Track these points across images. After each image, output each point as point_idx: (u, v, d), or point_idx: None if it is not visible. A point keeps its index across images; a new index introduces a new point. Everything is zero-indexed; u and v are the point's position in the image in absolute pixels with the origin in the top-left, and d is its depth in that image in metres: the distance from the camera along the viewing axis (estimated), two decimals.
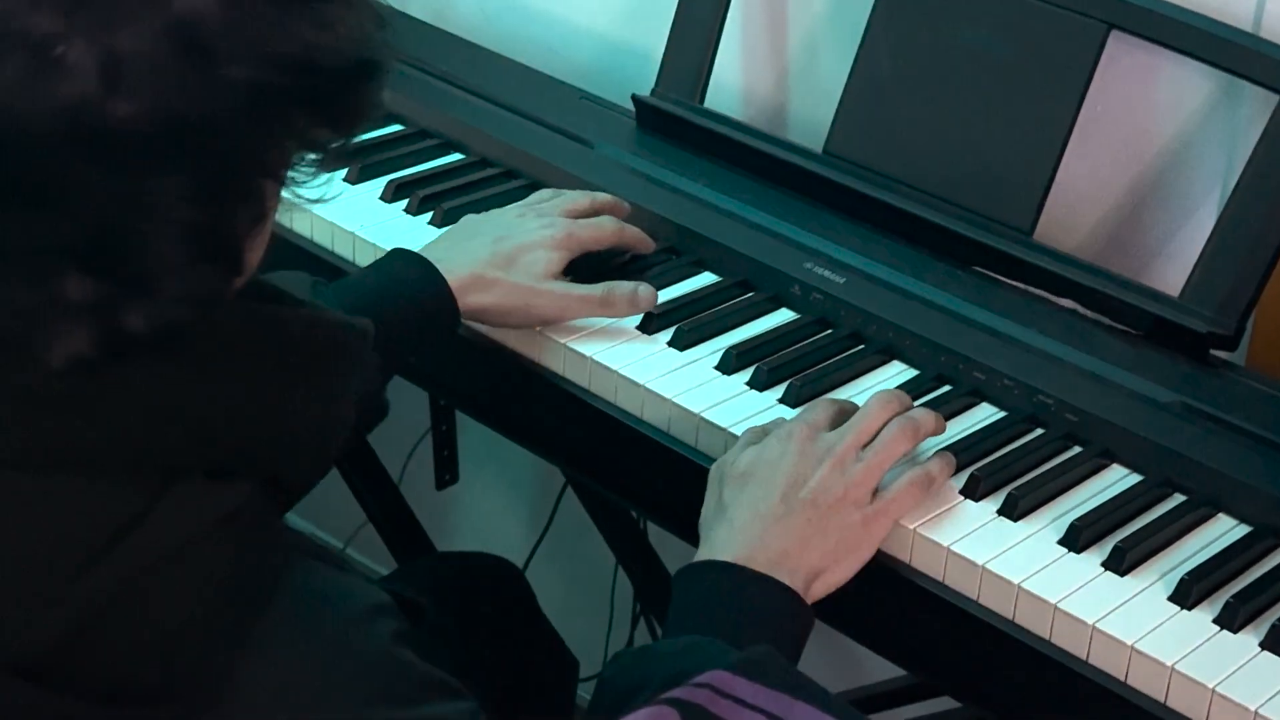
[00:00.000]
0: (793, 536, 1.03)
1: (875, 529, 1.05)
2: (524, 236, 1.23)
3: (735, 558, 1.01)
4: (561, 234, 1.24)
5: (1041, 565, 1.03)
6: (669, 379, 1.20)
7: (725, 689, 0.72)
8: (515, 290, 1.21)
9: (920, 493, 1.07)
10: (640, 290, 1.24)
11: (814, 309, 1.28)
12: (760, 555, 1.02)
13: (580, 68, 1.67)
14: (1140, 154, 1.34)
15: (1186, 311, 1.20)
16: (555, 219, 1.26)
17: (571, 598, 1.86)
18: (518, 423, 1.34)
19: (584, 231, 1.26)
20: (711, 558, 1.02)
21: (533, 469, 1.97)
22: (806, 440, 1.07)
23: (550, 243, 1.23)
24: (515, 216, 1.27)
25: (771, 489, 1.04)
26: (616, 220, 1.29)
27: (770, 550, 1.02)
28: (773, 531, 1.03)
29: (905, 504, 1.06)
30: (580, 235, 1.25)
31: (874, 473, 1.06)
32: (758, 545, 1.02)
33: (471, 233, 1.25)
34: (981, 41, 1.30)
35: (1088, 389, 1.17)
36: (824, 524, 1.03)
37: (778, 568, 1.01)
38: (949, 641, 1.07)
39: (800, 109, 1.56)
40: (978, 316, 1.24)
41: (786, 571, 1.01)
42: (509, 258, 1.21)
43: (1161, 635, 0.98)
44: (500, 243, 1.22)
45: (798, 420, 1.09)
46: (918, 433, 1.09)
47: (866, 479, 1.05)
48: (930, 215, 1.31)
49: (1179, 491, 1.11)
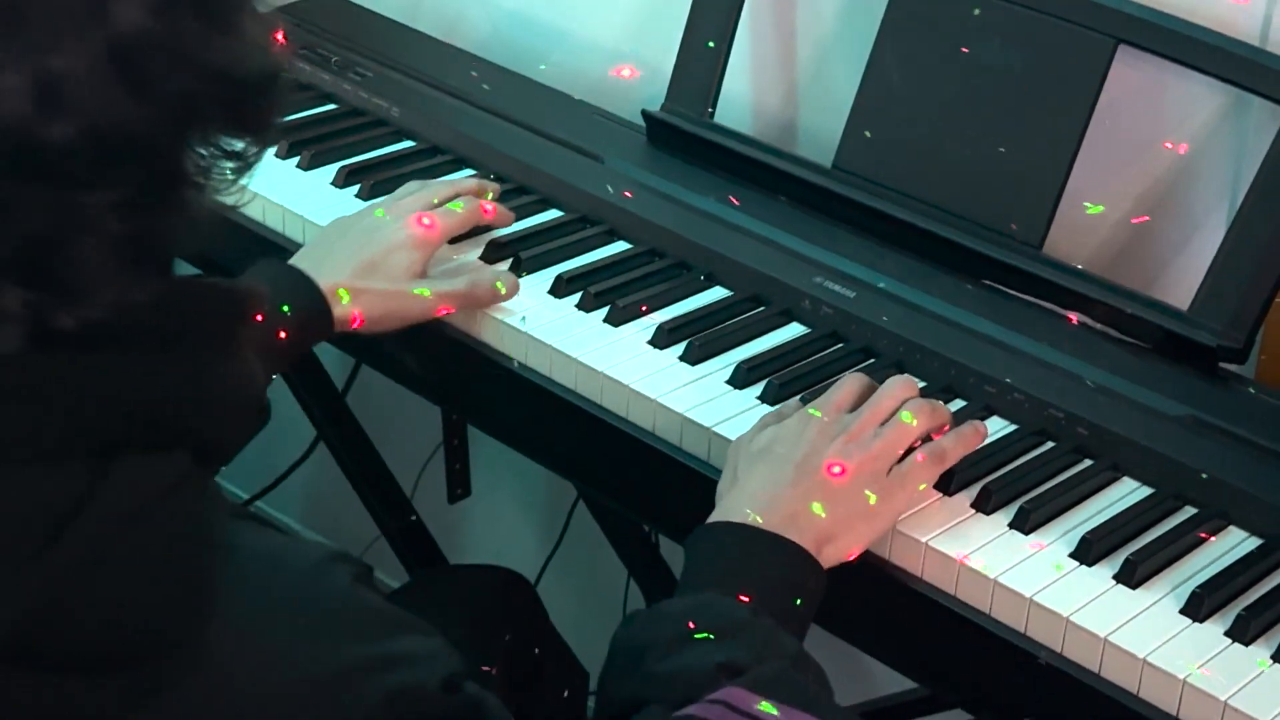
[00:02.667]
0: (803, 501, 1.04)
1: (890, 500, 1.07)
2: (385, 240, 1.27)
3: (745, 519, 1.03)
4: (420, 232, 1.28)
5: (1053, 578, 1.04)
6: (681, 393, 1.20)
7: (740, 705, 0.72)
8: (381, 297, 1.25)
9: (935, 468, 1.09)
10: (504, 279, 1.29)
11: (825, 323, 1.28)
12: (771, 517, 1.03)
13: (589, 83, 1.67)
14: (1149, 168, 1.34)
15: (1195, 325, 1.21)
16: (410, 219, 1.30)
17: (583, 610, 1.87)
18: (530, 437, 1.34)
19: (445, 219, 1.30)
20: (724, 519, 1.04)
21: (545, 482, 1.98)
22: (826, 425, 1.09)
23: (410, 242, 1.27)
24: (377, 215, 1.31)
25: (786, 461, 1.07)
26: (472, 199, 1.34)
27: (780, 513, 1.04)
28: (784, 496, 1.05)
29: (920, 476, 1.08)
30: (440, 225, 1.29)
31: (890, 448, 1.08)
32: (768, 508, 1.04)
33: (335, 239, 1.29)
34: (990, 56, 1.31)
35: (1098, 402, 1.17)
36: (836, 492, 1.05)
37: (788, 529, 1.03)
38: (961, 654, 1.08)
39: (810, 123, 1.57)
40: (988, 330, 1.24)
41: (796, 532, 1.03)
42: (372, 264, 1.26)
43: (1174, 648, 0.99)
44: (362, 250, 1.26)
45: (817, 401, 1.12)
46: (934, 414, 1.10)
47: (882, 453, 1.07)
48: (940, 229, 1.32)
49: (1190, 504, 1.11)
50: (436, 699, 0.75)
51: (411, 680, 0.74)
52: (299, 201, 1.43)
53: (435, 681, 0.75)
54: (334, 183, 1.47)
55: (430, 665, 0.76)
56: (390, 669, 0.74)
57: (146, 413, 0.71)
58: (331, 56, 1.64)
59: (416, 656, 0.76)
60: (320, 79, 1.62)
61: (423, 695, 0.75)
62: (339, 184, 1.46)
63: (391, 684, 0.74)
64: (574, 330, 1.27)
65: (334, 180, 1.47)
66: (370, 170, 1.48)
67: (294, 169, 1.49)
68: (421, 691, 0.75)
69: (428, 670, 0.76)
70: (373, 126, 1.56)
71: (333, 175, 1.47)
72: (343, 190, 1.46)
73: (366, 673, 0.73)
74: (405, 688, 0.74)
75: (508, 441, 1.38)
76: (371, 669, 0.74)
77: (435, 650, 0.77)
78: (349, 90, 1.60)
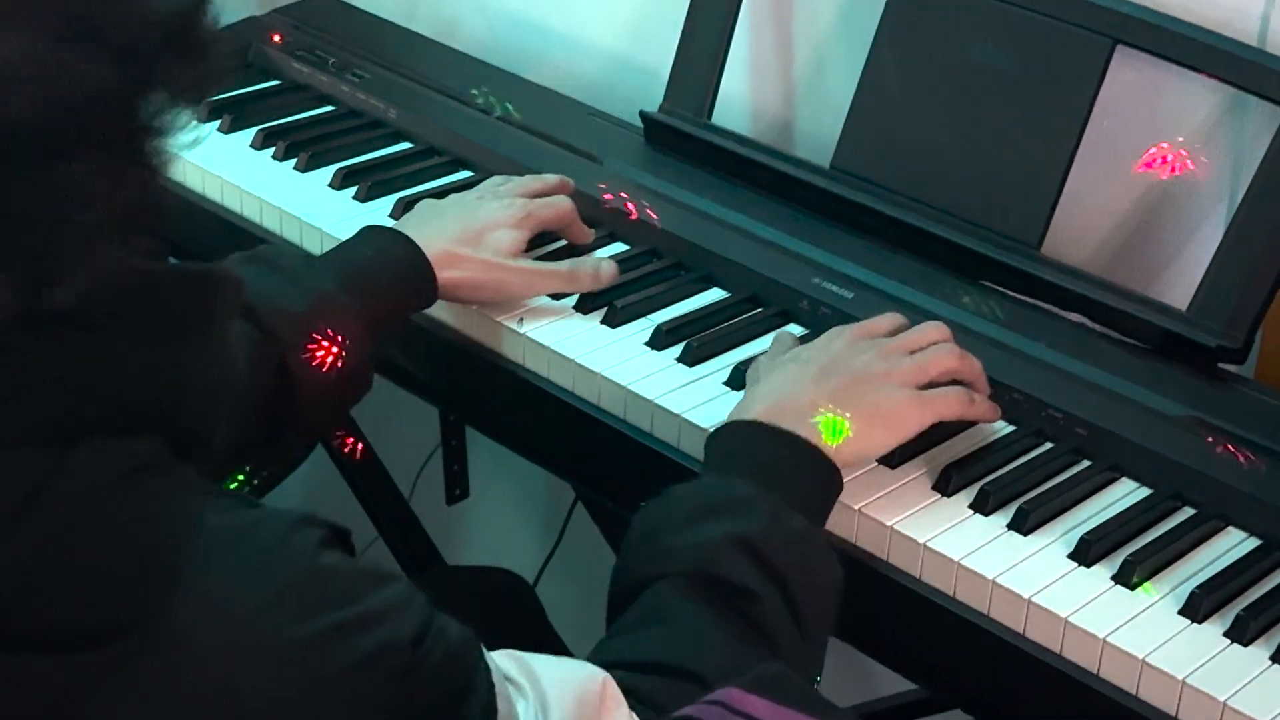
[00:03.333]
0: (825, 395, 1.06)
1: (915, 411, 1.08)
2: (486, 216, 1.28)
3: (759, 414, 1.05)
4: (521, 213, 1.29)
5: (1052, 579, 1.04)
6: (678, 395, 1.20)
7: (737, 706, 0.72)
8: (484, 266, 1.25)
9: (963, 405, 1.11)
10: (604, 265, 1.30)
11: (823, 324, 1.28)
12: (790, 407, 1.05)
13: (587, 84, 1.67)
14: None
15: (1194, 325, 1.20)
16: (513, 199, 1.31)
17: (583, 612, 1.86)
18: (527, 438, 1.34)
19: (542, 210, 1.31)
20: (738, 417, 1.06)
21: (543, 484, 1.98)
22: (857, 337, 1.11)
23: (511, 221, 1.28)
24: (474, 199, 1.32)
25: (810, 364, 1.09)
26: (569, 199, 1.35)
27: (799, 402, 1.05)
28: (806, 389, 1.07)
29: (949, 406, 1.10)
30: (539, 214, 1.31)
31: (921, 369, 1.10)
32: (787, 400, 1.06)
33: (436, 214, 1.29)
34: (988, 56, 1.31)
35: (1096, 403, 1.17)
36: (860, 390, 1.07)
37: (805, 417, 1.04)
38: (960, 656, 1.08)
39: (807, 124, 1.57)
40: (986, 330, 1.24)
41: (810, 426, 1.04)
42: (476, 235, 1.26)
43: (1173, 649, 0.98)
44: (466, 221, 1.27)
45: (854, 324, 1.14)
46: (965, 359, 1.12)
47: (912, 370, 1.09)
48: (938, 230, 1.32)
49: (1188, 505, 1.11)
50: (408, 653, 0.75)
51: (384, 638, 0.75)
52: (296, 203, 1.43)
53: (407, 635, 0.76)
54: (331, 184, 1.47)
55: (401, 618, 0.76)
56: (362, 631, 0.75)
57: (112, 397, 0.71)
58: (329, 58, 1.64)
59: (387, 613, 0.76)
60: (318, 80, 1.62)
61: (396, 651, 0.75)
62: (336, 185, 1.46)
63: (365, 645, 0.74)
64: (571, 332, 1.27)
65: (331, 182, 1.47)
66: (368, 172, 1.48)
67: (291, 170, 1.49)
68: (394, 648, 0.75)
69: (398, 624, 0.76)
70: (370, 128, 1.56)
71: (330, 177, 1.47)
72: (340, 192, 1.46)
73: (337, 637, 0.74)
74: (378, 648, 0.74)
75: (506, 443, 1.38)
76: (342, 633, 0.74)
77: (405, 600, 0.77)
78: (346, 91, 1.60)
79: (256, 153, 1.52)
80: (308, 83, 1.63)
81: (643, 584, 0.97)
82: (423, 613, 0.77)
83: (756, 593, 0.95)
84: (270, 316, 1.11)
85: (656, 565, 0.97)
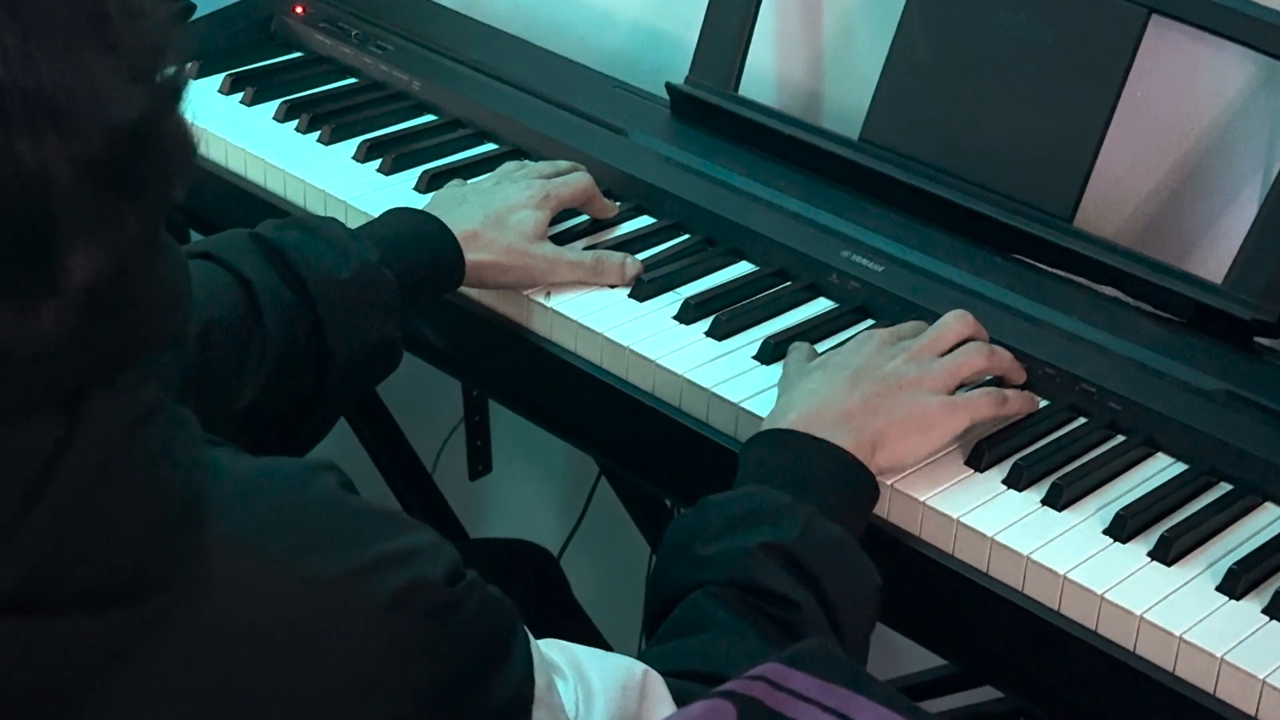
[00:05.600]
0: (859, 402, 1.05)
1: (949, 417, 1.07)
2: (507, 199, 1.28)
3: (793, 423, 1.04)
4: (540, 194, 1.29)
5: (1087, 555, 1.03)
6: (708, 369, 1.19)
7: (780, 681, 0.72)
8: (510, 250, 1.25)
9: (996, 406, 1.10)
10: (629, 261, 1.29)
11: (852, 297, 1.27)
12: (824, 415, 1.04)
13: (612, 56, 1.66)
14: (1181, 139, 1.33)
15: (1230, 298, 1.19)
16: (531, 180, 1.31)
17: (605, 587, 1.86)
18: (553, 413, 1.33)
19: (562, 190, 1.31)
20: (772, 426, 1.05)
21: (566, 459, 1.97)
22: (885, 341, 1.10)
23: (532, 202, 1.28)
24: (491, 184, 1.32)
25: (841, 371, 1.08)
26: (588, 175, 1.35)
27: (834, 410, 1.05)
28: (840, 398, 1.06)
29: (981, 409, 1.09)
30: (559, 193, 1.31)
31: (952, 373, 1.09)
32: (821, 408, 1.05)
33: (459, 198, 1.29)
34: (1021, 26, 1.29)
35: (1130, 377, 1.16)
36: (894, 397, 1.06)
37: (839, 427, 1.04)
38: (992, 632, 1.07)
39: (835, 95, 1.56)
40: (1018, 304, 1.23)
41: (851, 430, 1.04)
42: (500, 218, 1.26)
43: (1210, 625, 0.97)
44: (489, 205, 1.27)
45: (879, 329, 1.13)
46: (993, 357, 1.11)
47: (943, 375, 1.08)
48: (969, 202, 1.30)
49: (1224, 480, 1.09)
50: (442, 590, 0.75)
51: (416, 574, 0.75)
52: (321, 176, 1.42)
53: (440, 574, 0.76)
54: (355, 157, 1.46)
55: (433, 558, 0.76)
56: (393, 567, 0.74)
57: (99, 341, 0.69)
58: (352, 30, 1.63)
59: (417, 551, 0.76)
60: (341, 52, 1.61)
61: (429, 587, 0.75)
62: (360, 158, 1.45)
63: (397, 581, 0.74)
64: (599, 305, 1.26)
65: (355, 154, 1.46)
66: (392, 144, 1.47)
67: (315, 143, 1.48)
68: (427, 584, 0.75)
69: (430, 564, 0.76)
70: (394, 100, 1.55)
71: (354, 149, 1.46)
72: (364, 165, 1.45)
73: (370, 573, 0.74)
74: (411, 584, 0.74)
75: (531, 418, 1.37)
76: (374, 569, 0.74)
77: (435, 544, 0.77)
78: (369, 64, 1.59)
79: (280, 125, 1.51)
80: (330, 55, 1.62)
81: (680, 594, 0.97)
82: (452, 557, 0.77)
83: (794, 600, 0.95)
84: (315, 281, 1.11)
85: (693, 575, 0.97)
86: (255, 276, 1.10)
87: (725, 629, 0.93)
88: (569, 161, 1.37)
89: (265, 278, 1.11)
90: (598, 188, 1.35)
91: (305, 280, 1.11)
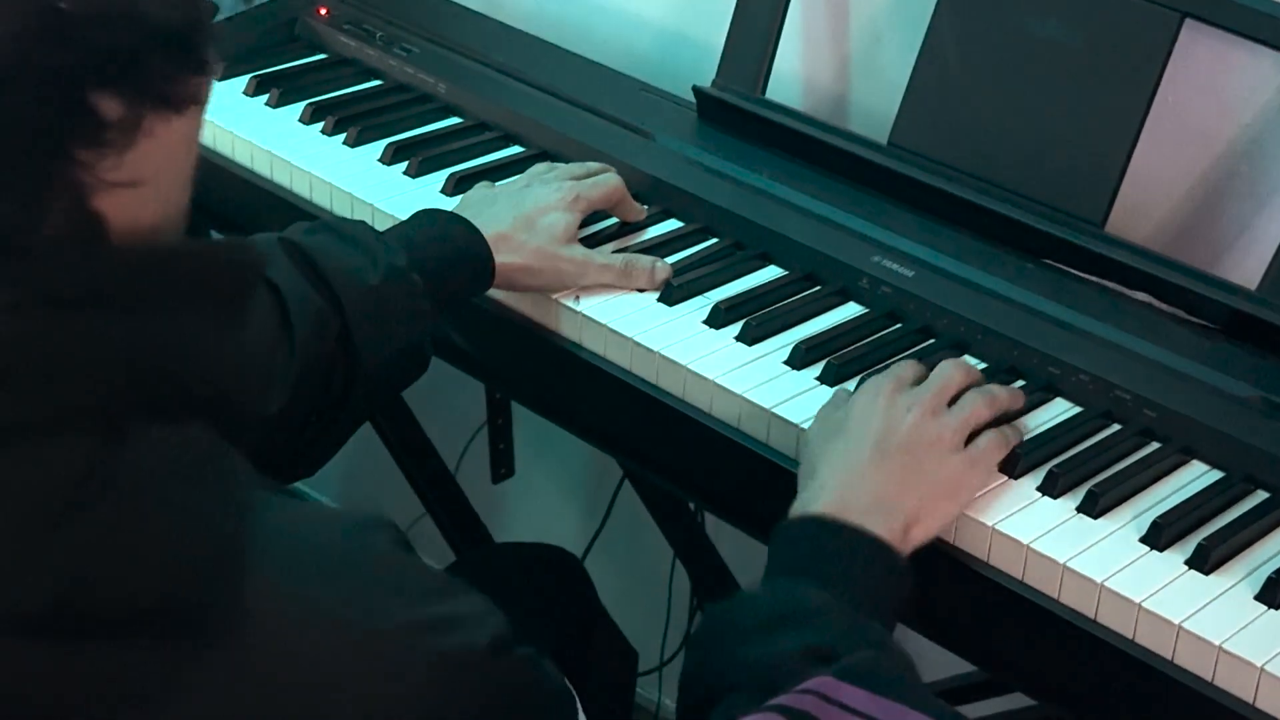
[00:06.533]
0: (890, 480, 1.03)
1: (972, 475, 1.05)
2: (537, 201, 1.27)
3: (825, 507, 1.01)
4: (570, 195, 1.28)
5: (1124, 564, 1.02)
6: (738, 374, 1.18)
7: (832, 695, 0.71)
8: (540, 252, 1.24)
9: (1005, 449, 1.08)
10: (659, 265, 1.28)
11: (883, 303, 1.26)
12: (855, 501, 1.01)
13: (638, 58, 1.65)
14: (1214, 143, 1.32)
15: (1264, 305, 1.18)
16: (560, 183, 1.30)
17: (629, 590, 1.86)
18: (580, 416, 1.33)
19: (593, 191, 1.30)
20: (804, 512, 1.02)
21: (589, 462, 1.97)
22: (893, 393, 1.07)
23: (562, 205, 1.27)
24: (521, 186, 1.31)
25: (863, 440, 1.05)
26: (618, 177, 1.34)
27: (866, 495, 1.01)
28: (869, 477, 1.03)
29: (994, 456, 1.07)
30: (589, 195, 1.30)
31: (966, 423, 1.07)
32: (852, 492, 1.01)
33: (488, 200, 1.28)
34: (1051, 31, 1.28)
35: (1165, 384, 1.15)
36: (920, 466, 1.04)
37: (874, 512, 1.00)
38: (1027, 640, 1.06)
39: (862, 100, 1.55)
40: (1050, 310, 1.22)
41: (883, 515, 1.01)
42: (530, 220, 1.25)
43: (1250, 635, 0.96)
44: (517, 208, 1.26)
45: (882, 376, 1.10)
46: (993, 404, 1.10)
47: (959, 432, 1.06)
48: (1000, 207, 1.29)
49: (1261, 488, 1.09)
50: (486, 661, 0.75)
51: (460, 643, 0.75)
52: (347, 179, 1.42)
53: (484, 643, 0.75)
54: (382, 160, 1.45)
55: (478, 627, 0.76)
56: (438, 632, 0.74)
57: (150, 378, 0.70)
58: (377, 32, 1.62)
59: (464, 619, 0.76)
60: (365, 54, 1.61)
61: (472, 658, 0.75)
62: (386, 161, 1.45)
63: (441, 646, 0.74)
64: (628, 309, 1.25)
65: (382, 157, 1.45)
66: (419, 147, 1.46)
67: (341, 146, 1.48)
68: (471, 654, 0.75)
69: (476, 632, 0.76)
70: (420, 102, 1.55)
71: (380, 152, 1.46)
72: (390, 167, 1.44)
73: (413, 635, 0.74)
74: (454, 650, 0.74)
75: (557, 421, 1.37)
76: (418, 631, 0.74)
77: (482, 612, 0.77)
78: (394, 66, 1.58)
79: (306, 127, 1.50)
80: (355, 56, 1.61)
81: (715, 694, 0.92)
82: (503, 625, 0.76)
83: None
84: (343, 286, 1.10)
85: (729, 676, 0.93)
86: (284, 282, 1.10)
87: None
88: (599, 163, 1.37)
89: (294, 284, 1.10)
90: (627, 189, 1.34)
91: (333, 286, 1.11)
